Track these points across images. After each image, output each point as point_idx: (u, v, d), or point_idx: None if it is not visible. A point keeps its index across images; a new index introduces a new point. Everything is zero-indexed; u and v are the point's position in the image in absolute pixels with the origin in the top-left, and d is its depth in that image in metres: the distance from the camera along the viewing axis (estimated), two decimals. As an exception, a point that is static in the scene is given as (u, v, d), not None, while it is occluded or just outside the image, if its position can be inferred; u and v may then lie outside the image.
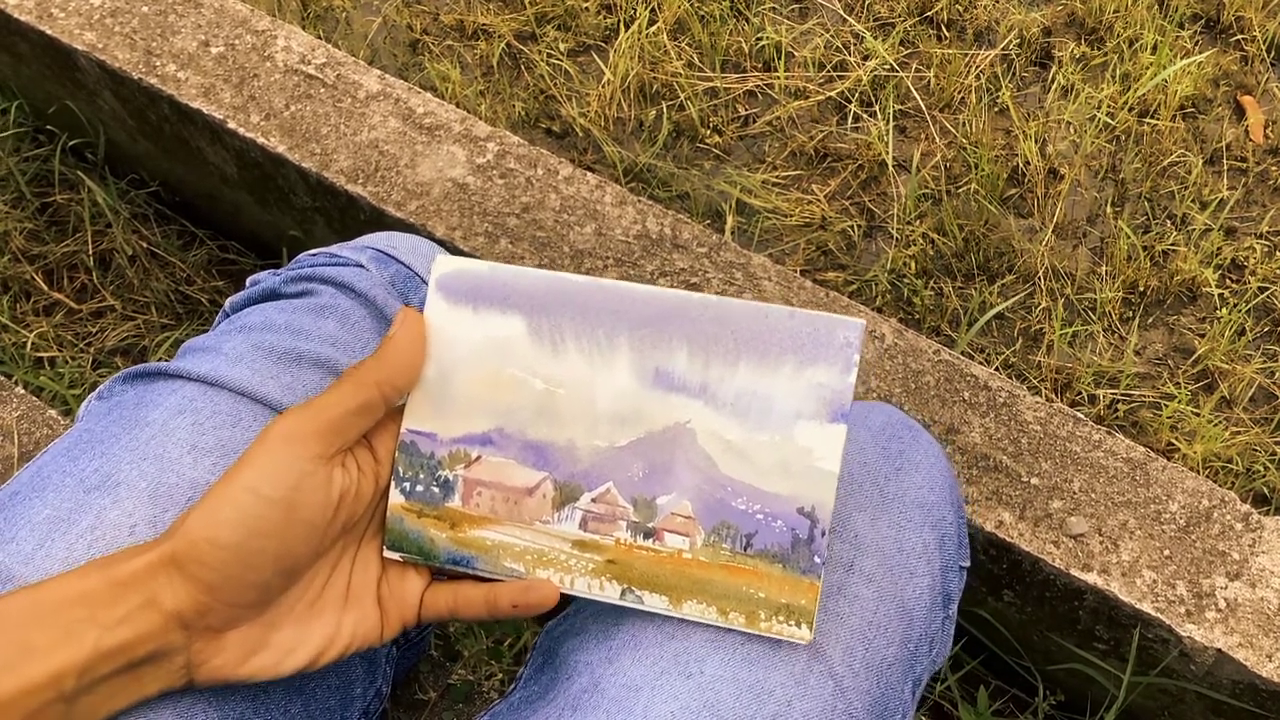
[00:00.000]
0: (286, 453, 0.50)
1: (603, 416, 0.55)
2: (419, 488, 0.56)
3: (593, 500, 0.56)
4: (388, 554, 0.56)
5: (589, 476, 0.56)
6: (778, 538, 0.54)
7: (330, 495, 0.51)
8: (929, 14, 1.51)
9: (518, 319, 0.56)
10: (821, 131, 1.41)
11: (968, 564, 0.67)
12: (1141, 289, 1.29)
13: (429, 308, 0.56)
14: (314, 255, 0.67)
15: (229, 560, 0.48)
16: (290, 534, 0.50)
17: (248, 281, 0.68)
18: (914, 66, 1.46)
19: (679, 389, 0.55)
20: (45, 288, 1.34)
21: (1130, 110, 1.41)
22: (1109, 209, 1.36)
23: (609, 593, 0.56)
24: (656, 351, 0.55)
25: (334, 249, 0.68)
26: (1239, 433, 1.20)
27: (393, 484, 0.56)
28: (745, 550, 0.55)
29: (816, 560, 0.54)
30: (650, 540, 0.55)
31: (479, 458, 0.56)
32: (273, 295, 0.65)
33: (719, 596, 0.55)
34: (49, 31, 1.19)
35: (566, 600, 0.58)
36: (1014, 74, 1.46)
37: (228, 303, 0.67)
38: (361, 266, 0.65)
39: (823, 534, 0.54)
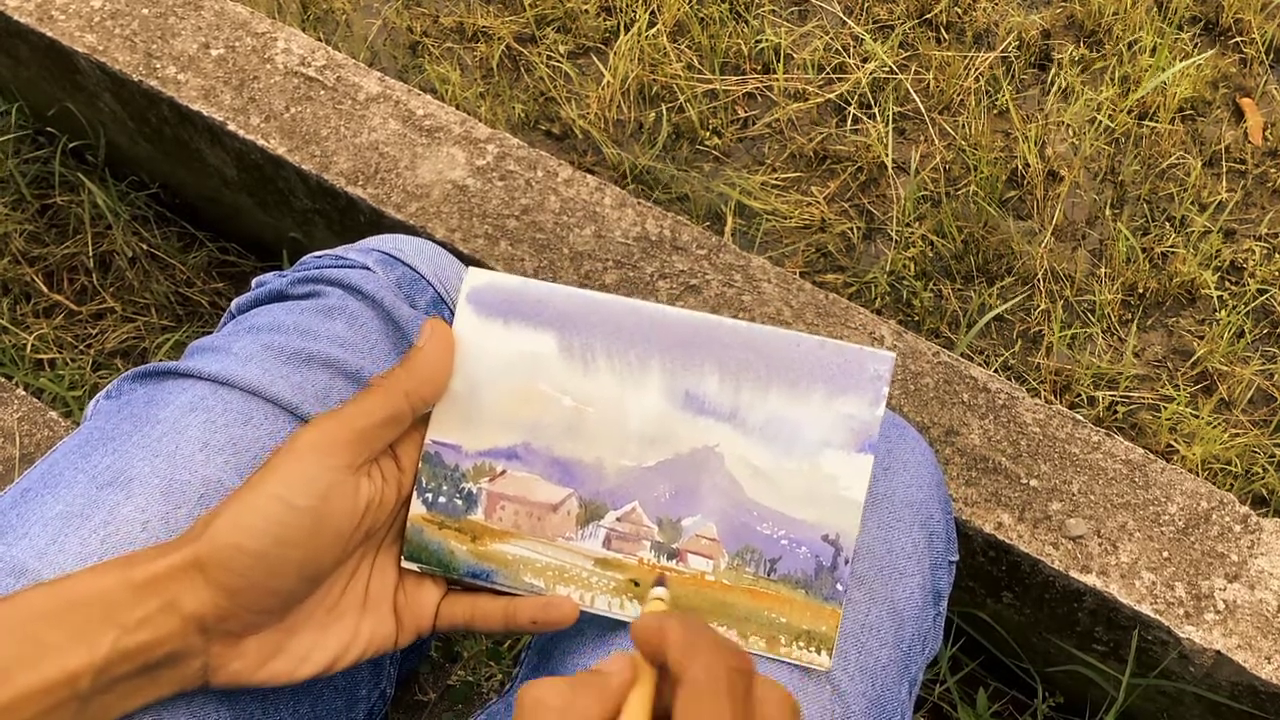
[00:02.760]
0: (316, 462, 0.50)
1: (631, 436, 0.55)
2: (441, 499, 0.56)
3: (617, 519, 0.56)
4: (406, 565, 0.56)
5: (615, 495, 0.56)
6: (801, 564, 0.55)
7: (357, 505, 0.51)
8: (928, 16, 1.51)
9: (549, 335, 0.56)
10: (821, 133, 1.42)
11: (956, 558, 0.67)
12: (1140, 291, 1.30)
13: (459, 319, 0.56)
14: (319, 257, 0.67)
15: (254, 567, 0.48)
16: (316, 543, 0.50)
17: (253, 283, 0.68)
18: (913, 68, 1.46)
19: (709, 413, 0.55)
20: (45, 290, 1.34)
21: (1129, 112, 1.41)
22: (1108, 211, 1.36)
23: (629, 612, 0.56)
24: (688, 375, 0.55)
25: (339, 251, 0.68)
26: (1238, 434, 1.20)
27: (414, 494, 0.56)
28: (769, 575, 0.55)
29: (839, 588, 0.54)
30: (673, 561, 0.55)
31: (504, 471, 0.56)
32: (279, 296, 0.65)
33: (740, 620, 0.55)
34: (49, 34, 1.19)
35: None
36: (1013, 76, 1.46)
37: (233, 304, 0.67)
38: (368, 269, 0.65)
39: (846, 562, 0.54)
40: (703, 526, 0.55)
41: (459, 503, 0.56)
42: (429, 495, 0.56)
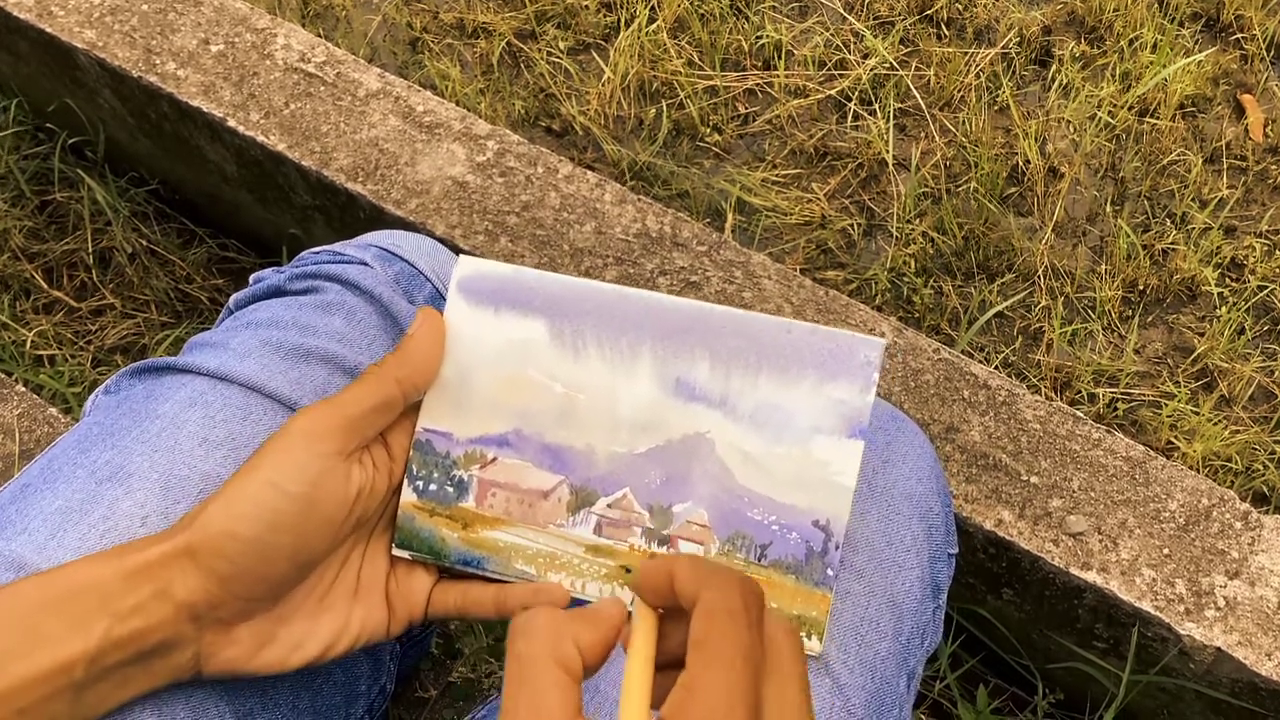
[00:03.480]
0: (307, 449, 0.50)
1: (622, 423, 0.55)
2: (432, 486, 0.56)
3: (609, 505, 0.56)
4: (397, 552, 0.56)
5: (606, 482, 0.56)
6: (792, 549, 0.55)
7: (348, 492, 0.52)
8: (929, 12, 1.51)
9: (540, 323, 0.56)
10: (821, 130, 1.41)
11: (955, 551, 0.67)
12: (1141, 288, 1.29)
13: (449, 307, 0.56)
14: (317, 253, 0.67)
15: (246, 553, 0.48)
16: (308, 529, 0.50)
17: (251, 279, 0.68)
18: (914, 65, 1.46)
19: (699, 399, 0.55)
20: (45, 286, 1.34)
21: (1130, 109, 1.41)
22: (1109, 208, 1.36)
23: (620, 598, 0.56)
24: (679, 361, 0.55)
25: (337, 247, 0.68)
26: (1238, 431, 1.20)
27: (405, 482, 0.56)
28: (759, 560, 0.55)
29: (829, 573, 0.54)
30: (665, 547, 0.55)
31: (495, 459, 0.56)
32: (278, 292, 0.65)
33: None
34: (48, 29, 1.19)
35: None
36: (1014, 73, 1.46)
37: (231, 300, 0.67)
38: (366, 264, 0.66)
39: (836, 547, 0.54)
40: (694, 513, 0.55)
41: (450, 490, 0.56)
42: (420, 483, 0.56)
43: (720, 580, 0.41)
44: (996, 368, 1.23)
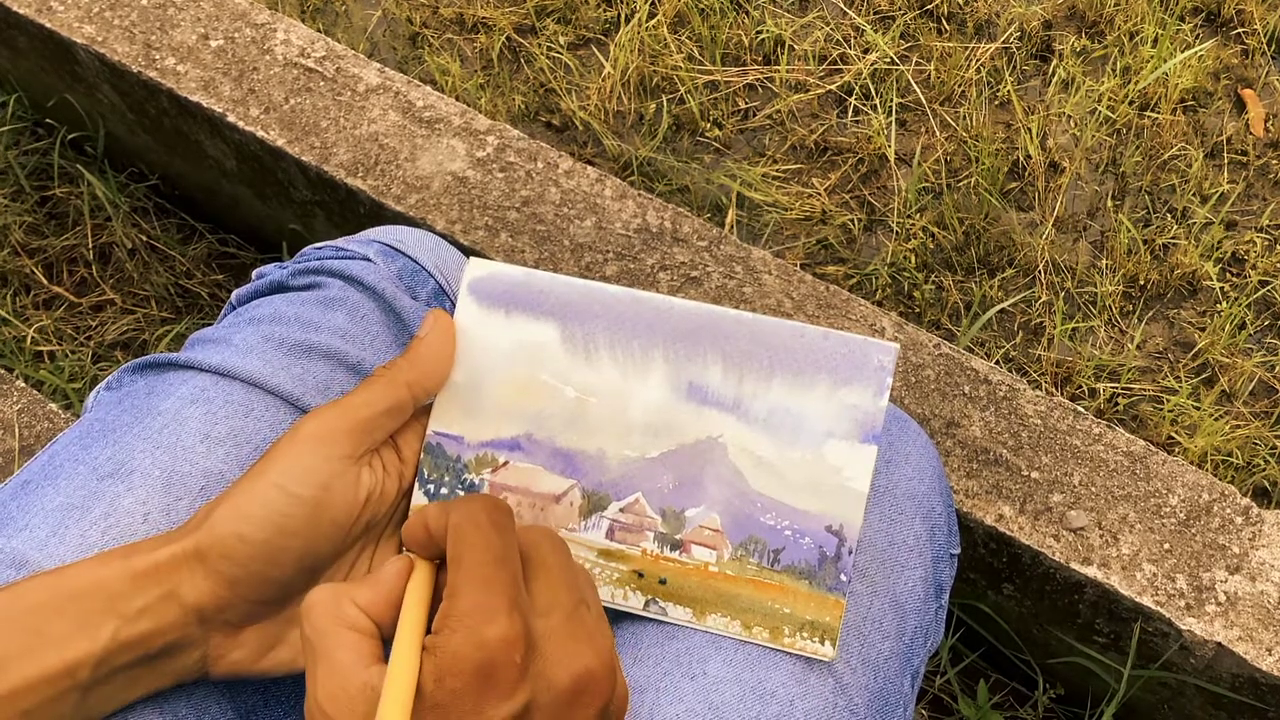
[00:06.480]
0: (317, 452, 0.50)
1: (634, 427, 0.55)
2: (443, 490, 0.56)
3: (621, 510, 0.56)
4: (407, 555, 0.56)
5: (618, 486, 0.56)
6: (805, 554, 0.55)
7: (358, 495, 0.51)
8: (929, 7, 1.51)
9: (551, 326, 0.56)
10: (822, 125, 1.41)
11: (958, 551, 0.67)
12: (1142, 283, 1.29)
13: (460, 310, 0.56)
14: (320, 249, 0.67)
15: (254, 557, 0.48)
16: (317, 533, 0.50)
17: (253, 274, 0.68)
18: (914, 60, 1.45)
19: (712, 403, 0.55)
20: (45, 281, 1.34)
21: (1131, 103, 1.41)
22: (1109, 202, 1.36)
23: (633, 603, 0.56)
24: (691, 365, 0.55)
25: (340, 242, 0.68)
26: (1239, 426, 1.20)
27: (416, 485, 0.56)
28: (772, 566, 0.55)
29: (843, 578, 0.54)
30: (677, 552, 0.55)
31: (506, 463, 0.56)
32: (280, 288, 0.65)
33: (743, 610, 0.55)
34: (48, 25, 1.19)
35: None
36: (1015, 67, 1.46)
37: (234, 295, 0.67)
38: (368, 260, 0.65)
39: (849, 552, 0.54)
40: (706, 517, 0.55)
41: (461, 494, 0.56)
42: (431, 486, 0.56)
43: (462, 503, 0.45)
44: (997, 363, 1.23)
